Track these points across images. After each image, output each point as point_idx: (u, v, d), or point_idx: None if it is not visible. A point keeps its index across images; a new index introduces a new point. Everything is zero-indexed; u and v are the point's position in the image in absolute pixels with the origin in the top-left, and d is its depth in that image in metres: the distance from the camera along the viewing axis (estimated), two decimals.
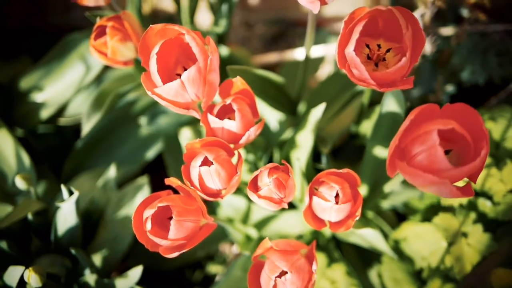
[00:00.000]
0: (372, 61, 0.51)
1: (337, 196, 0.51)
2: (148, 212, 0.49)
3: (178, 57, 0.53)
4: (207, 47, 0.50)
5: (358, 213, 0.51)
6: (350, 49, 0.46)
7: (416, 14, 0.78)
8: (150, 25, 0.49)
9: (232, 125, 0.52)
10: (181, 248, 0.49)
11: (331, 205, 0.51)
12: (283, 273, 0.51)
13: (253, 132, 0.52)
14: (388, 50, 0.50)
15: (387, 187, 0.62)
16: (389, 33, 0.50)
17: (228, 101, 0.53)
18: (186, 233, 0.49)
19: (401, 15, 0.46)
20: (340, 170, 0.51)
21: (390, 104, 0.60)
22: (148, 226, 0.49)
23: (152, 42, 0.49)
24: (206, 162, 0.50)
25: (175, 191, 0.53)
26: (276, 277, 0.50)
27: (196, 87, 0.49)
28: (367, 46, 0.51)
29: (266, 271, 0.51)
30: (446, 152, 0.47)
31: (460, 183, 0.45)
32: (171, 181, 0.51)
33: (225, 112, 0.54)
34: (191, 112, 0.50)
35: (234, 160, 0.53)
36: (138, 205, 0.50)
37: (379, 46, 0.50)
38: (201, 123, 0.53)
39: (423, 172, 0.42)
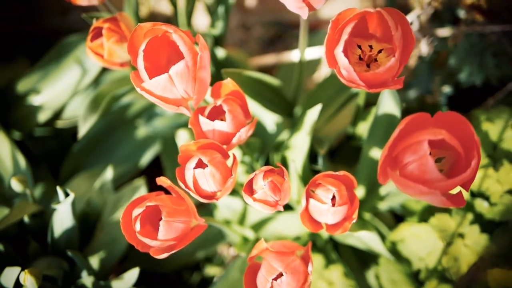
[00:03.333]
0: (364, 62, 0.50)
1: (333, 198, 0.51)
2: (137, 212, 0.48)
3: (171, 56, 0.52)
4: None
5: (355, 215, 0.51)
6: (339, 50, 0.46)
7: (412, 15, 0.78)
8: (138, 24, 0.49)
9: (223, 126, 0.52)
10: (171, 249, 0.49)
11: (327, 207, 0.50)
12: (280, 275, 0.50)
13: (244, 133, 0.52)
14: (380, 51, 0.50)
15: (383, 189, 0.62)
16: (380, 34, 0.50)
17: (219, 102, 0.52)
18: (176, 234, 0.49)
19: (390, 16, 0.46)
20: (337, 173, 0.51)
21: (386, 106, 0.60)
22: (137, 226, 0.48)
23: (141, 41, 0.49)
24: (200, 165, 0.50)
25: (169, 193, 0.53)
26: (273, 279, 0.50)
27: (185, 83, 0.48)
28: (359, 47, 0.51)
29: (263, 272, 0.51)
30: (439, 160, 0.48)
31: (454, 190, 0.45)
32: (162, 180, 0.50)
33: (217, 114, 0.54)
34: (181, 110, 0.50)
35: (229, 162, 0.53)
36: (126, 206, 0.49)
37: (370, 47, 0.50)
38: (189, 125, 0.52)
39: (413, 183, 0.42)
